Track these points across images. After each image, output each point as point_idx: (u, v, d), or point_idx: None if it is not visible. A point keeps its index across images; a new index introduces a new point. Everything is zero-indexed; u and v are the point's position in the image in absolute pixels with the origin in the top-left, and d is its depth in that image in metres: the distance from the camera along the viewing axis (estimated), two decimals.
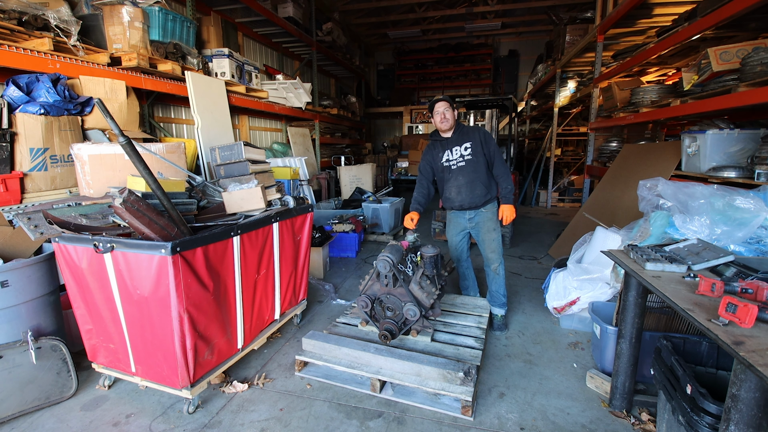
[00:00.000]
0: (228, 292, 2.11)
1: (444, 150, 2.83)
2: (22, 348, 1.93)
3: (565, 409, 2.05)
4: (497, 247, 2.86)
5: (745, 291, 1.35)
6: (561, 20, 7.69)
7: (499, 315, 2.92)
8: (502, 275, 2.90)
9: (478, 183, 2.77)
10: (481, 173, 2.77)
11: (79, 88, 2.89)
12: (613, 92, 4.89)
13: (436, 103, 2.73)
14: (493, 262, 2.88)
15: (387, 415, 2.01)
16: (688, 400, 1.37)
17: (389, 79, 12.58)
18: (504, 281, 2.91)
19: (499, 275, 2.89)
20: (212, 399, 2.12)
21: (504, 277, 2.91)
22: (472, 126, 2.88)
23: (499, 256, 2.87)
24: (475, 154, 2.76)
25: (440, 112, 2.72)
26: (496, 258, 2.87)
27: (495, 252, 2.86)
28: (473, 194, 2.79)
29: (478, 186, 2.77)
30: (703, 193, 2.16)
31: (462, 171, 2.79)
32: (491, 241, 2.85)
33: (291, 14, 6.10)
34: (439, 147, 2.86)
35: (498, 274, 2.89)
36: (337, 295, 3.53)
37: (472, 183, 2.77)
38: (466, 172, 2.79)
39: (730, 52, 2.87)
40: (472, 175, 2.77)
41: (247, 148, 2.66)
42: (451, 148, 2.81)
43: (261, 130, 6.52)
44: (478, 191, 2.78)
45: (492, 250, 2.87)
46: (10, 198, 2.43)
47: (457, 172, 2.80)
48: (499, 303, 2.91)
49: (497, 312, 2.93)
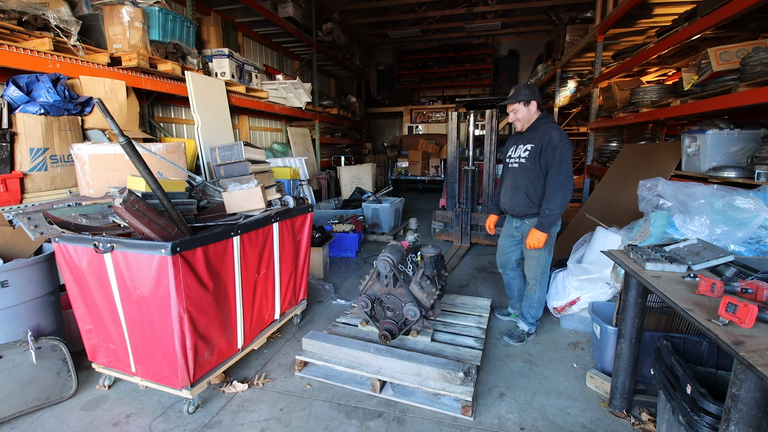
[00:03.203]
0: (228, 292, 2.11)
1: (513, 145, 2.65)
2: (22, 348, 1.93)
3: (565, 409, 2.05)
4: (535, 268, 2.57)
5: (745, 291, 1.35)
6: (561, 20, 7.68)
7: (520, 328, 2.75)
8: (537, 296, 2.64)
9: (521, 192, 2.53)
10: (528, 181, 2.49)
11: (79, 88, 2.89)
12: (613, 92, 4.89)
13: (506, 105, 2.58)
14: (529, 281, 2.66)
15: (387, 415, 2.00)
16: (688, 400, 1.37)
17: (389, 79, 12.59)
18: (538, 303, 2.65)
19: (533, 294, 2.64)
20: (212, 399, 2.12)
21: (539, 300, 2.65)
22: (549, 127, 2.46)
23: (536, 277, 2.59)
24: (530, 159, 2.48)
25: (510, 112, 2.56)
26: (532, 278, 2.62)
27: (531, 272, 2.61)
28: (513, 201, 2.59)
29: (519, 194, 2.54)
30: (703, 193, 2.16)
31: (513, 172, 2.59)
32: (530, 259, 2.60)
33: (291, 14, 6.11)
34: (512, 141, 2.69)
35: (531, 293, 2.65)
36: (337, 295, 3.53)
37: (515, 189, 2.56)
38: (515, 175, 2.57)
39: (730, 52, 2.87)
40: (519, 181, 2.54)
41: (247, 148, 2.66)
42: (518, 144, 2.60)
43: (261, 130, 6.52)
44: (518, 200, 2.55)
45: (529, 269, 2.63)
46: (10, 198, 2.43)
47: (510, 173, 2.63)
48: (527, 321, 2.72)
49: (521, 325, 2.75)
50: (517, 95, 2.49)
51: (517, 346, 2.66)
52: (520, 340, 2.69)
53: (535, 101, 2.49)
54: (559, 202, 2.33)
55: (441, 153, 9.33)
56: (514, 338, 2.70)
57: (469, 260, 4.54)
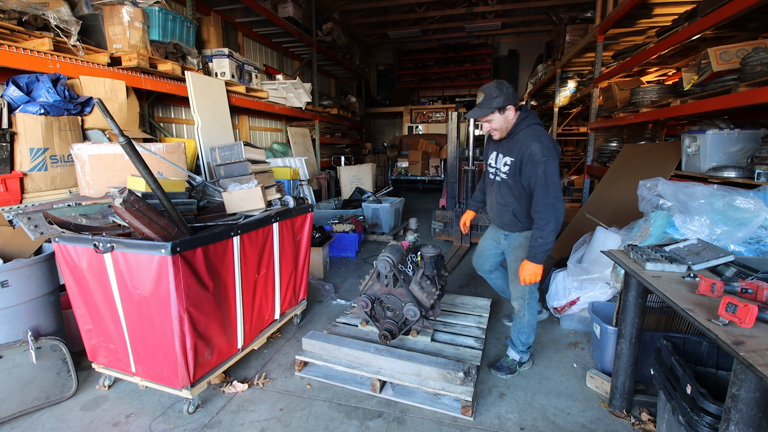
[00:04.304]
0: (228, 292, 2.11)
1: (494, 151, 2.29)
2: (22, 348, 1.93)
3: (565, 409, 2.05)
4: (522, 286, 2.20)
5: (745, 291, 1.35)
6: (561, 20, 7.68)
7: (510, 357, 2.36)
8: (527, 320, 2.27)
9: (508, 210, 2.23)
10: (514, 199, 2.18)
11: (79, 88, 2.89)
12: (613, 92, 4.89)
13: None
14: (514, 299, 2.30)
15: (387, 415, 2.00)
16: (688, 400, 1.37)
17: (389, 79, 12.59)
18: (529, 327, 2.29)
19: (522, 318, 2.28)
20: (212, 399, 2.12)
21: (530, 324, 2.28)
22: (529, 135, 2.05)
23: (524, 297, 2.25)
24: (510, 176, 2.14)
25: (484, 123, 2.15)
26: (519, 298, 2.26)
27: (518, 290, 2.26)
28: (501, 219, 2.31)
29: (507, 213, 2.25)
30: (703, 193, 2.16)
31: (498, 188, 2.27)
32: (513, 273, 2.26)
33: (291, 14, 6.11)
34: (492, 147, 2.33)
35: (521, 317, 2.28)
36: (337, 295, 3.53)
37: (502, 207, 2.26)
38: (500, 192, 2.26)
39: (730, 52, 2.87)
40: (506, 199, 2.23)
41: (247, 148, 2.66)
42: (498, 152, 2.24)
43: (261, 130, 6.52)
44: (506, 218, 2.27)
45: (515, 287, 2.27)
46: (10, 198, 2.42)
47: (495, 187, 2.30)
48: (517, 349, 2.34)
49: (511, 354, 2.36)
50: (489, 102, 2.04)
51: (507, 378, 2.30)
52: (510, 372, 2.31)
53: (511, 105, 2.06)
54: (552, 228, 2.00)
55: (441, 153, 9.33)
56: (503, 370, 2.31)
57: (469, 260, 4.53)
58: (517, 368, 2.36)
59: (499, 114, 2.08)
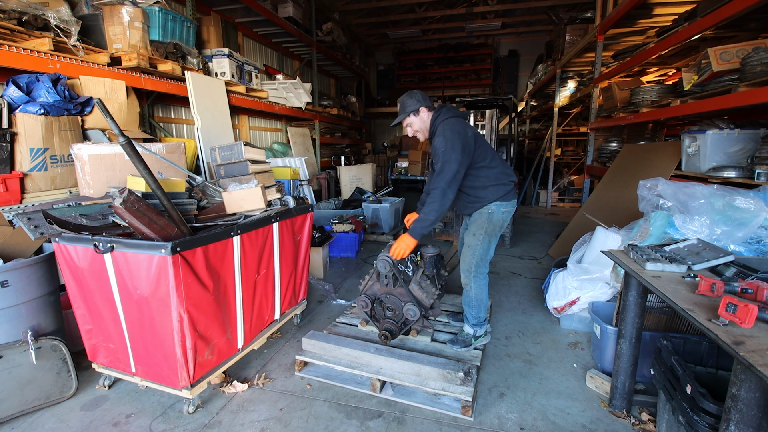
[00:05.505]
0: (228, 292, 2.11)
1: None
2: (22, 348, 1.93)
3: (565, 409, 2.05)
4: (469, 258, 2.36)
5: (745, 291, 1.36)
6: (561, 20, 7.69)
7: (465, 331, 2.46)
8: (474, 293, 2.39)
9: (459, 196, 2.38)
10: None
11: (79, 88, 2.89)
12: (613, 92, 4.89)
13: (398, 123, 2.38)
14: (461, 272, 2.42)
15: (387, 415, 2.00)
16: (688, 400, 1.37)
17: (389, 79, 12.58)
18: (476, 301, 2.40)
19: (469, 291, 2.41)
20: (212, 399, 2.12)
21: (477, 298, 2.40)
22: (438, 131, 2.27)
23: (469, 269, 2.38)
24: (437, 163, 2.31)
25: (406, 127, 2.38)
26: (465, 270, 2.40)
27: (465, 262, 2.39)
28: (458, 205, 2.45)
29: (459, 199, 2.39)
30: (703, 193, 2.16)
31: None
32: (466, 248, 2.40)
33: (291, 14, 6.10)
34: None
35: (467, 290, 2.41)
36: (337, 295, 3.53)
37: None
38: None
39: (730, 52, 2.87)
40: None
41: (247, 148, 2.66)
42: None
43: (261, 130, 6.52)
44: (460, 203, 2.42)
45: (463, 259, 2.41)
46: (10, 198, 2.42)
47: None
48: (470, 323, 2.44)
49: (465, 328, 2.46)
50: (404, 109, 2.32)
51: (463, 351, 2.37)
52: (465, 345, 2.39)
53: (423, 107, 2.30)
54: (434, 209, 2.15)
55: None
56: (459, 343, 2.40)
57: None
58: (472, 341, 2.44)
59: (414, 116, 2.33)
